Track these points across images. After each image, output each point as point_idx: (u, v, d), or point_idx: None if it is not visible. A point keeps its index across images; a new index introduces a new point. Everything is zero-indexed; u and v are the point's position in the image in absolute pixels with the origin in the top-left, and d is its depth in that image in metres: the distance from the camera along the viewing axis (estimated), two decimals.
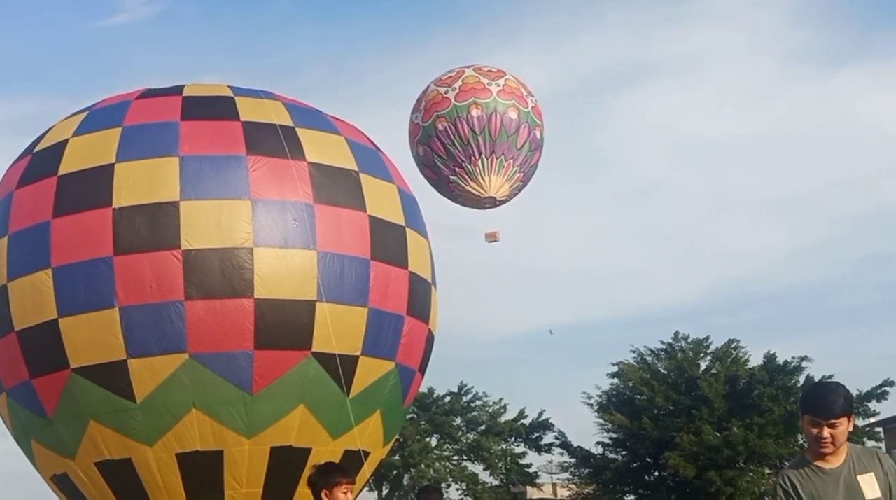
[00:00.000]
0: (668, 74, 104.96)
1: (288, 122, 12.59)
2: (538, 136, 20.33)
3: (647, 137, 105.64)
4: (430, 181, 20.27)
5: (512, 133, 19.64)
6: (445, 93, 19.23)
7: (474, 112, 18.89)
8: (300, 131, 12.55)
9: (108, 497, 12.14)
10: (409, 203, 13.56)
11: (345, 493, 6.73)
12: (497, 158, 19.42)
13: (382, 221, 12.67)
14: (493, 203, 19.43)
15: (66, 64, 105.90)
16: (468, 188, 19.67)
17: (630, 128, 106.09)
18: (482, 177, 19.50)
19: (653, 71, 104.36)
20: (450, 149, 19.10)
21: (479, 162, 19.28)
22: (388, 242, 12.66)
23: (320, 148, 12.56)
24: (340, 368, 11.84)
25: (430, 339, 13.76)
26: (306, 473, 12.05)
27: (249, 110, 12.51)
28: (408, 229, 13.14)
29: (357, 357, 12.20)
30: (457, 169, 19.48)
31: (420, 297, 13.18)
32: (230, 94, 12.84)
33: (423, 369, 13.88)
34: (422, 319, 13.26)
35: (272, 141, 12.19)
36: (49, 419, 12.06)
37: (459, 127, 18.97)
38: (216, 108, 12.49)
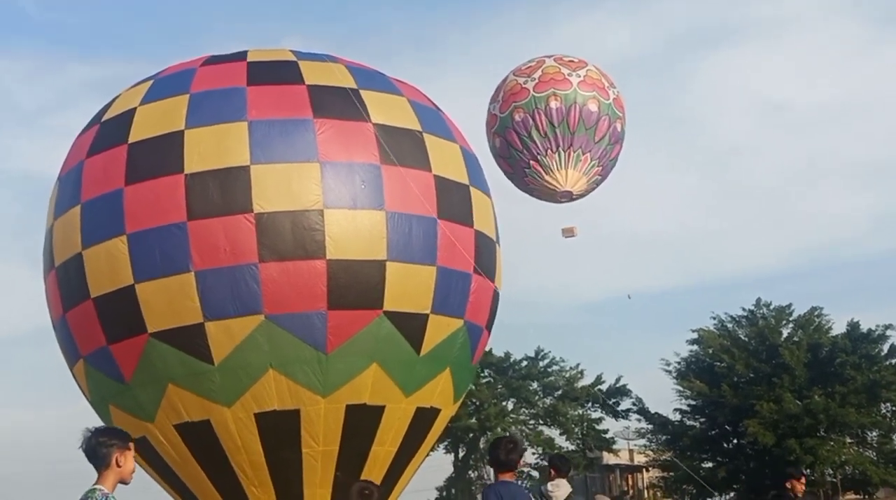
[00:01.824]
0: (754, 35, 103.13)
1: (352, 84, 12.67)
2: (619, 129, 20.02)
3: (732, 99, 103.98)
4: (505, 173, 20.14)
5: (591, 126, 19.35)
6: (524, 83, 18.95)
7: (553, 104, 18.61)
8: (364, 93, 12.64)
9: (188, 459, 12.37)
10: (471, 162, 13.64)
11: None
12: (574, 152, 19.15)
13: (447, 180, 12.77)
14: (570, 197, 19.15)
15: (148, 26, 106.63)
16: (544, 182, 19.41)
17: (715, 89, 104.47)
18: (558, 170, 19.27)
19: (740, 31, 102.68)
20: (526, 141, 18.88)
21: (556, 155, 19.03)
22: (454, 201, 12.76)
23: (384, 109, 12.64)
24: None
25: (496, 297, 13.85)
26: (381, 430, 12.33)
27: (314, 74, 12.60)
28: (472, 188, 13.22)
29: (427, 316, 12.33)
30: (532, 162, 19.23)
31: (486, 255, 13.28)
32: (293, 58, 12.94)
33: (489, 327, 13.99)
34: (488, 276, 13.35)
35: (338, 104, 12.30)
36: (127, 383, 12.29)
37: (537, 118, 18.72)
38: (281, 72, 12.60)
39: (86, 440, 5.26)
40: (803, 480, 11.38)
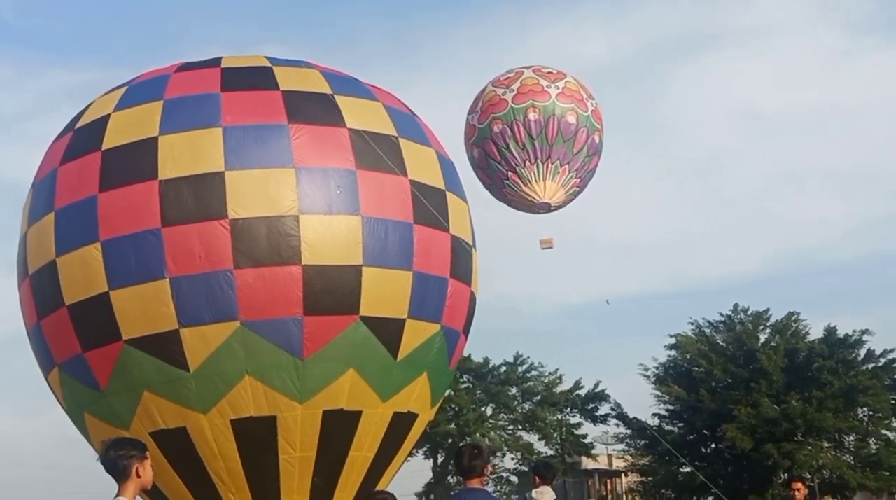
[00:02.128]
0: (732, 43, 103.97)
1: (327, 89, 12.68)
2: (597, 141, 19.96)
3: (710, 107, 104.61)
4: (484, 185, 20.06)
5: (569, 138, 19.29)
6: (503, 94, 18.88)
7: (531, 115, 18.55)
8: (339, 99, 12.64)
9: (164, 467, 12.27)
10: (447, 167, 13.66)
11: None
12: (552, 164, 19.10)
13: (423, 185, 12.77)
14: (548, 209, 19.09)
15: (127, 32, 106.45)
16: (522, 193, 19.34)
17: (693, 97, 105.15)
18: (536, 182, 19.20)
19: (717, 39, 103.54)
20: (504, 152, 18.82)
21: (535, 167, 18.99)
22: (430, 206, 12.75)
23: (359, 115, 12.65)
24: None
25: (472, 301, 13.88)
26: (358, 436, 12.31)
27: (288, 80, 12.60)
28: (448, 193, 13.24)
29: (403, 320, 12.33)
30: (510, 173, 19.17)
31: (462, 259, 13.30)
32: (268, 64, 12.94)
33: (466, 332, 14.01)
34: (464, 281, 13.38)
35: (312, 109, 12.30)
36: (102, 391, 12.23)
37: (515, 130, 18.65)
38: (255, 78, 12.59)
39: (104, 453, 5.43)
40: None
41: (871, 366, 39.28)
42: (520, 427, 46.41)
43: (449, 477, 46.38)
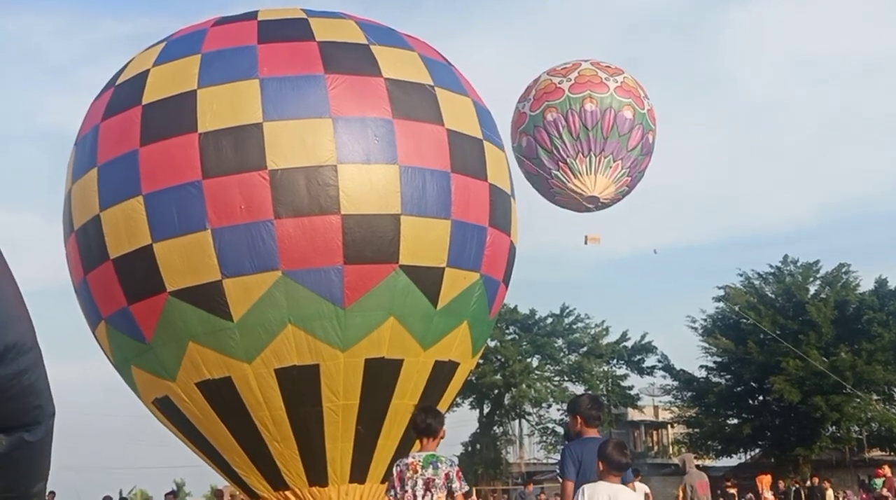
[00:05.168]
0: None
1: (362, 40, 12.69)
2: (650, 140, 19.46)
3: (762, 55, 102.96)
4: (528, 176, 19.49)
5: (625, 133, 18.80)
6: (559, 83, 18.42)
7: (588, 106, 18.11)
8: (375, 49, 12.65)
9: (210, 416, 12.53)
10: (484, 116, 13.63)
11: None
12: (605, 158, 18.67)
13: (460, 134, 12.77)
14: (595, 204, 18.62)
15: None
16: (570, 185, 18.87)
17: (746, 44, 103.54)
18: (587, 175, 18.72)
19: None
20: (556, 142, 18.38)
21: (587, 159, 18.56)
22: (467, 155, 12.77)
23: (395, 64, 12.66)
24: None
25: (512, 250, 13.90)
26: (400, 384, 12.43)
27: (324, 30, 12.63)
28: (485, 142, 13.22)
29: (443, 269, 12.39)
30: (560, 164, 18.72)
31: (501, 208, 13.30)
32: (304, 16, 12.97)
33: (507, 281, 14.04)
34: (503, 230, 13.40)
35: (349, 59, 12.33)
36: (148, 343, 12.43)
37: (570, 120, 18.20)
38: (291, 30, 12.64)
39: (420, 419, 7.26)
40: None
41: None
42: (566, 379, 46.55)
43: (495, 427, 46.72)
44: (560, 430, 45.73)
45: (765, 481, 31.39)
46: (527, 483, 33.59)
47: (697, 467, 18.00)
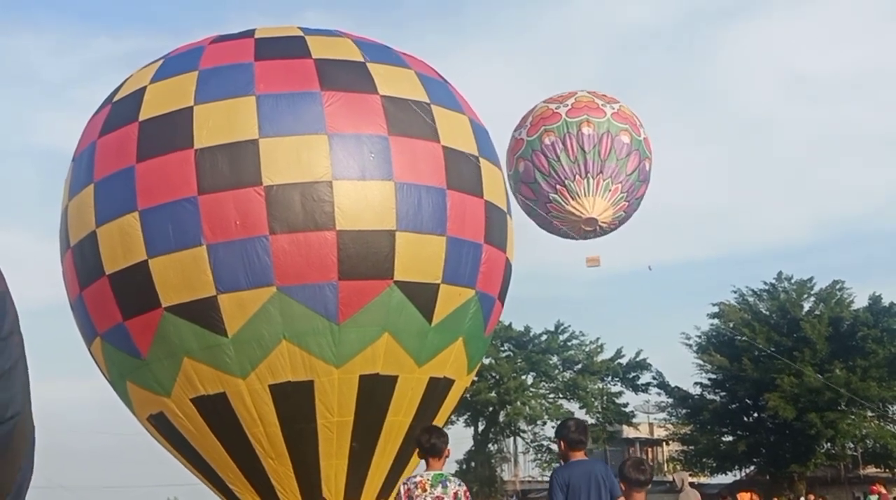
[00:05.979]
0: (779, 5, 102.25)
1: (359, 58, 12.75)
2: (647, 168, 19.44)
3: (755, 70, 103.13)
4: (524, 203, 19.36)
5: (622, 157, 18.78)
6: (556, 108, 18.45)
7: (585, 130, 18.12)
8: (371, 66, 12.72)
9: (204, 432, 12.51)
10: (480, 133, 13.69)
11: None
12: (604, 180, 18.63)
13: (456, 151, 12.82)
14: (594, 227, 18.57)
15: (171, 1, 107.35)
16: (569, 208, 18.79)
17: (739, 61, 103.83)
18: (585, 197, 18.67)
19: (764, 1, 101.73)
20: (554, 165, 18.34)
21: (585, 181, 18.52)
22: (463, 172, 12.82)
23: (391, 82, 12.72)
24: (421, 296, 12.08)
25: (507, 267, 13.92)
26: (395, 400, 12.43)
27: (321, 48, 12.70)
28: (481, 159, 13.27)
29: (438, 285, 12.42)
30: (559, 187, 18.68)
31: (497, 225, 13.34)
32: (300, 34, 13.05)
33: (502, 298, 14.06)
34: (499, 247, 13.43)
35: (345, 76, 12.39)
36: (144, 359, 12.43)
37: (568, 143, 18.16)
38: (288, 47, 12.71)
39: (424, 439, 7.13)
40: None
41: None
42: (560, 396, 46.47)
43: (490, 445, 46.65)
44: (555, 448, 45.64)
45: (744, 498, 31.38)
46: None
47: (692, 485, 17.99)
